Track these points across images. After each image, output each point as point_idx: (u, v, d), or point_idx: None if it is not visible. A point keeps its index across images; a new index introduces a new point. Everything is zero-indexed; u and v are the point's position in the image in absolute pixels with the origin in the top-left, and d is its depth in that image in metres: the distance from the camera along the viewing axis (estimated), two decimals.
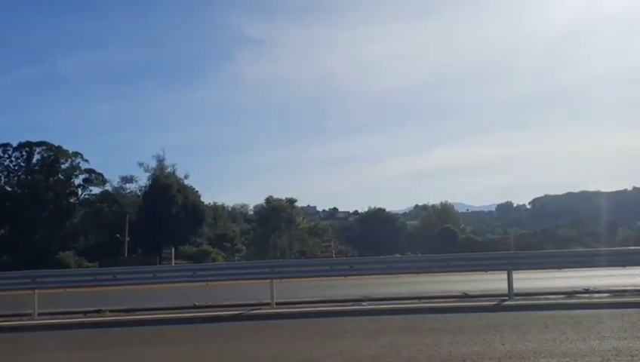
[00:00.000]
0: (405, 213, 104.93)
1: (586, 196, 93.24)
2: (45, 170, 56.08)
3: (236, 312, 10.60)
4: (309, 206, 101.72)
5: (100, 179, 58.85)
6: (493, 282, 12.60)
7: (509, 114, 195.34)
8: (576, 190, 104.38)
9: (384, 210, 65.28)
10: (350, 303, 11.17)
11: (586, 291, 11.97)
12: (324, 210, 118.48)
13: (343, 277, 14.14)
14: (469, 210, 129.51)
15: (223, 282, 13.87)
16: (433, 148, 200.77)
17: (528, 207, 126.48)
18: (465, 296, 12.04)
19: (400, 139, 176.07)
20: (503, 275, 11.70)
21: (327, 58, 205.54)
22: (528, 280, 12.54)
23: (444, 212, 64.84)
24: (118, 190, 58.83)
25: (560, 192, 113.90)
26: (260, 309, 10.90)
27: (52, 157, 56.44)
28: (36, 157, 56.86)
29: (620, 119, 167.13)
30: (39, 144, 56.78)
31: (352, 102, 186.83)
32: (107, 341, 8.72)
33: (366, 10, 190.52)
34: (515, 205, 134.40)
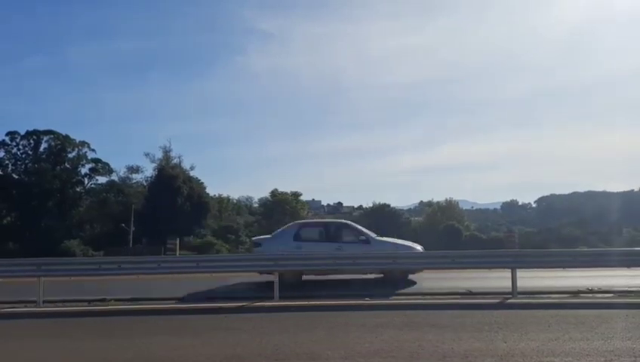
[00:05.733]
0: (410, 209, 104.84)
1: (592, 196, 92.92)
2: (52, 159, 56.43)
3: (240, 304, 10.64)
4: (313, 200, 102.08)
5: (107, 169, 59.25)
6: (497, 280, 12.57)
7: (517, 111, 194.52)
8: (583, 189, 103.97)
9: (389, 205, 64.98)
10: (352, 298, 11.16)
11: (590, 291, 11.92)
12: (328, 204, 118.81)
13: None
14: (474, 208, 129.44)
15: (226, 274, 13.89)
16: (439, 145, 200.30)
17: (534, 205, 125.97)
18: (469, 293, 12.04)
19: (406, 134, 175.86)
20: (507, 273, 11.68)
21: (336, 52, 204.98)
22: (532, 279, 12.50)
23: (448, 209, 64.55)
24: (124, 180, 59.21)
25: (566, 191, 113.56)
26: (263, 302, 10.93)
27: (59, 146, 56.78)
28: (43, 145, 57.27)
29: (631, 119, 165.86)
30: (47, 133, 57.13)
31: (359, 97, 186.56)
32: (111, 330, 8.79)
33: (375, 6, 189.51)
34: (520, 203, 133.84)
